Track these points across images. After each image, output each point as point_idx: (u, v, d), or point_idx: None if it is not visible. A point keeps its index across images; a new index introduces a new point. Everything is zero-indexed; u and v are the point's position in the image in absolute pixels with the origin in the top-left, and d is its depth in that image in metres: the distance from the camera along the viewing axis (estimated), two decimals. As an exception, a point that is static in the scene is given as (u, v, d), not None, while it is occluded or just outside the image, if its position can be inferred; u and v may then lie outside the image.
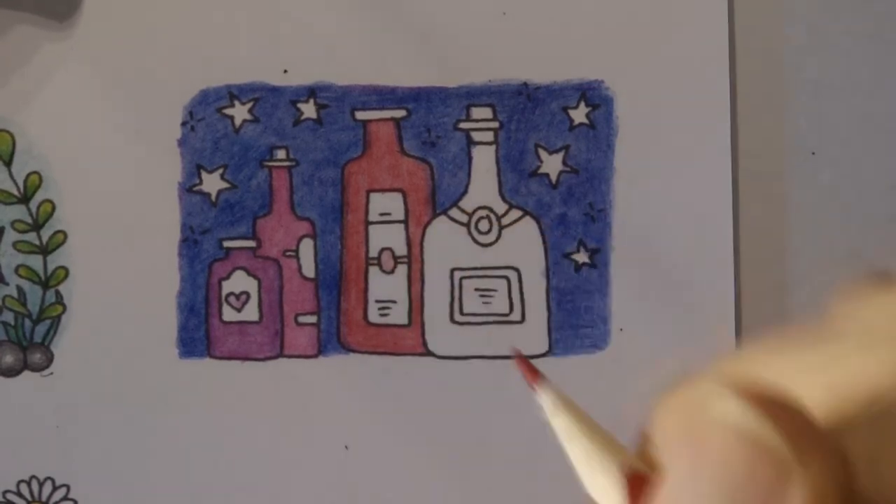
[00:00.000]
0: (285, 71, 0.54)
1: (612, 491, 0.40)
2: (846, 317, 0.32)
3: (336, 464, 0.54)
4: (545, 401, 0.49)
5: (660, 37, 0.53)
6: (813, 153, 0.54)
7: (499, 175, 0.53)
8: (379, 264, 0.54)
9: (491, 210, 0.53)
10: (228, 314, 0.54)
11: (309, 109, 0.54)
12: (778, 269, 0.54)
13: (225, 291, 0.54)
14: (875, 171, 0.54)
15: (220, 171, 0.54)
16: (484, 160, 0.53)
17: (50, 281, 0.54)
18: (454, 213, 0.53)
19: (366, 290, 0.54)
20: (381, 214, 0.54)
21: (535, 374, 0.50)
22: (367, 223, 0.54)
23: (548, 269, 0.53)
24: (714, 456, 0.19)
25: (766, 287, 0.54)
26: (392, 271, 0.54)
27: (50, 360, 0.54)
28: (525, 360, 0.55)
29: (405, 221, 0.54)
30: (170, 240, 0.54)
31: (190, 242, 0.54)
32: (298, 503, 0.54)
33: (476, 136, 0.53)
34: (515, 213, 0.53)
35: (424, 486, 0.54)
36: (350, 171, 0.54)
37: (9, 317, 0.54)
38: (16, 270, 0.54)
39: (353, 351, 0.54)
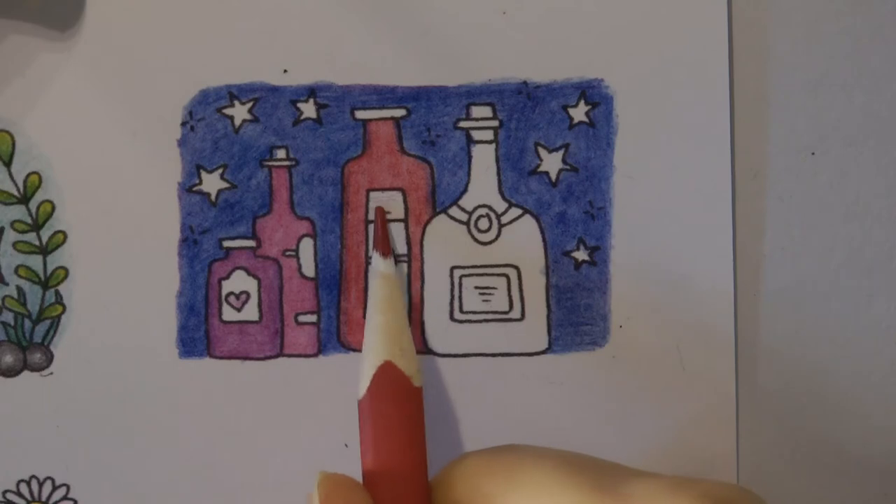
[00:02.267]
0: (285, 71, 0.54)
1: (366, 367, 0.44)
2: None
3: (336, 462, 0.54)
4: (379, 270, 0.51)
5: (660, 36, 0.53)
6: (813, 153, 0.54)
7: (498, 173, 0.54)
8: (379, 263, 0.54)
9: (491, 208, 0.53)
10: (228, 314, 0.54)
11: (309, 109, 0.54)
12: (777, 269, 0.54)
13: (225, 291, 0.54)
14: (875, 171, 0.54)
15: (220, 170, 0.54)
16: (484, 159, 0.53)
17: (50, 281, 0.54)
18: (454, 211, 0.54)
19: (366, 288, 0.54)
20: (381, 213, 0.54)
21: (387, 247, 0.52)
22: (367, 222, 0.54)
23: (547, 267, 0.54)
24: None
25: (766, 286, 0.54)
26: (392, 270, 0.54)
27: (50, 360, 0.54)
28: (384, 226, 0.57)
29: (405, 220, 0.54)
30: (170, 240, 0.54)
31: (190, 242, 0.54)
32: (299, 502, 0.54)
33: (476, 134, 0.53)
34: (515, 212, 0.53)
35: (424, 484, 0.54)
36: (350, 171, 0.54)
37: (8, 317, 0.54)
38: (15, 271, 0.54)
39: (354, 350, 0.54)
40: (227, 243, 0.54)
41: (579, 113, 0.53)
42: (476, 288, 0.53)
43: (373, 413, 0.46)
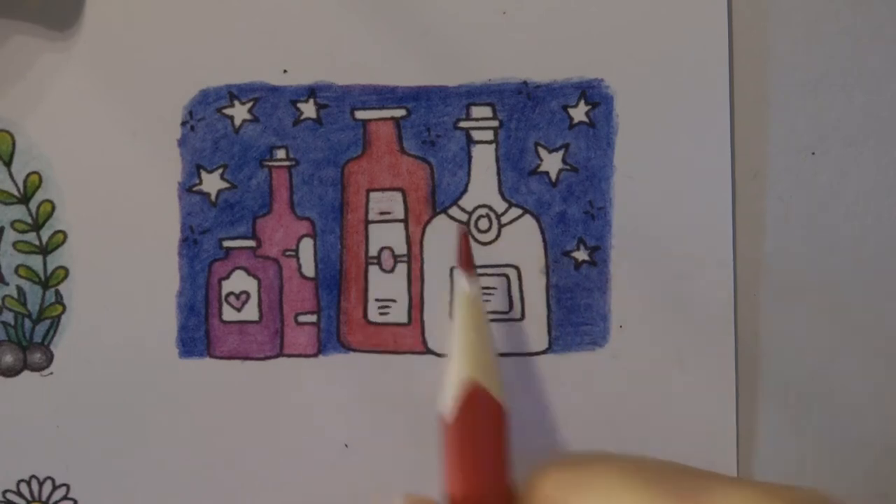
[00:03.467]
0: (285, 71, 0.54)
1: (451, 388, 0.43)
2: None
3: (336, 462, 0.54)
4: (463, 289, 0.50)
5: (660, 36, 0.53)
6: (813, 153, 0.54)
7: (498, 173, 0.53)
8: (379, 263, 0.54)
9: (491, 208, 0.53)
10: (228, 314, 0.54)
11: (309, 109, 0.54)
12: (777, 269, 0.54)
13: (225, 291, 0.54)
14: (875, 171, 0.54)
15: (220, 170, 0.54)
16: (484, 159, 0.53)
17: (50, 281, 0.54)
18: (454, 211, 0.54)
19: (366, 289, 0.54)
20: (381, 213, 0.54)
21: (470, 266, 0.50)
22: (367, 222, 0.54)
23: (547, 267, 0.53)
24: None
25: (766, 286, 0.54)
26: (392, 270, 0.54)
27: (50, 360, 0.54)
28: (467, 246, 0.54)
29: (405, 220, 0.54)
30: (170, 240, 0.54)
31: (190, 242, 0.54)
32: (298, 502, 0.54)
33: (476, 134, 0.53)
34: (515, 212, 0.53)
35: (424, 484, 0.54)
36: (350, 171, 0.54)
37: (9, 317, 0.54)
38: (16, 270, 0.54)
39: (353, 350, 0.54)
40: (227, 243, 0.54)
41: (579, 113, 0.53)
42: (476, 288, 0.54)
43: (461, 436, 0.44)
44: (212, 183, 0.54)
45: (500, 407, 0.45)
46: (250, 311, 0.54)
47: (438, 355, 0.54)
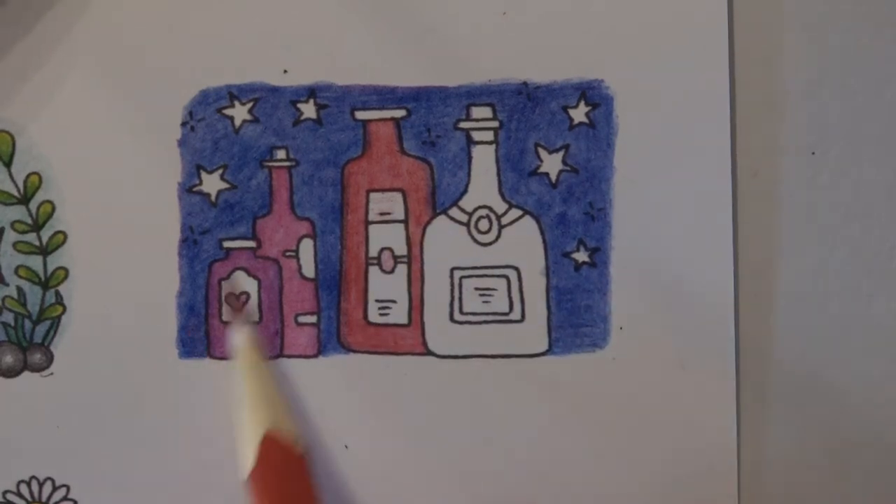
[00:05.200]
0: (285, 71, 0.54)
1: (249, 445, 0.44)
2: None
3: (336, 464, 0.54)
4: (236, 344, 0.50)
5: (660, 37, 0.53)
6: (813, 153, 0.54)
7: (499, 174, 0.53)
8: (379, 264, 0.54)
9: (491, 209, 0.53)
10: (229, 314, 0.54)
11: (309, 109, 0.54)
12: (777, 269, 0.54)
13: (225, 292, 0.54)
14: (875, 171, 0.54)
15: (220, 171, 0.54)
16: (484, 160, 0.53)
17: (50, 281, 0.54)
18: (454, 212, 0.54)
19: (366, 289, 0.54)
20: (381, 214, 0.54)
21: (240, 313, 0.51)
22: (367, 223, 0.54)
23: (547, 269, 0.53)
24: None
25: (766, 287, 0.54)
26: (392, 271, 0.54)
27: (50, 360, 0.54)
28: (233, 298, 0.55)
29: (405, 221, 0.54)
30: (170, 240, 0.54)
31: (190, 242, 0.54)
32: (298, 503, 0.54)
33: (476, 135, 0.53)
34: (515, 213, 0.53)
35: (425, 485, 0.54)
36: (350, 171, 0.54)
37: (9, 317, 0.54)
38: (16, 271, 0.54)
39: (353, 351, 0.54)
40: (227, 244, 0.54)
41: (579, 114, 0.53)
42: (476, 289, 0.53)
43: (261, 487, 0.46)
44: (212, 183, 0.54)
45: (294, 454, 0.46)
46: (250, 312, 0.54)
47: (439, 356, 0.54)
